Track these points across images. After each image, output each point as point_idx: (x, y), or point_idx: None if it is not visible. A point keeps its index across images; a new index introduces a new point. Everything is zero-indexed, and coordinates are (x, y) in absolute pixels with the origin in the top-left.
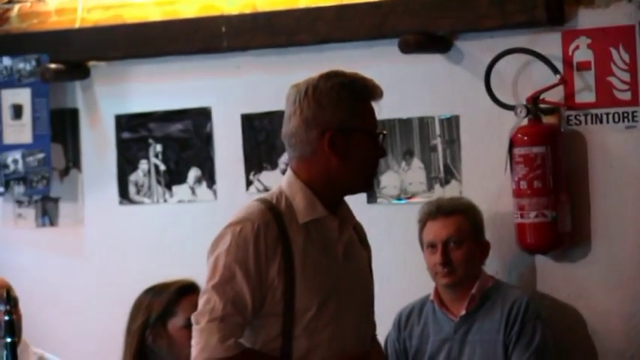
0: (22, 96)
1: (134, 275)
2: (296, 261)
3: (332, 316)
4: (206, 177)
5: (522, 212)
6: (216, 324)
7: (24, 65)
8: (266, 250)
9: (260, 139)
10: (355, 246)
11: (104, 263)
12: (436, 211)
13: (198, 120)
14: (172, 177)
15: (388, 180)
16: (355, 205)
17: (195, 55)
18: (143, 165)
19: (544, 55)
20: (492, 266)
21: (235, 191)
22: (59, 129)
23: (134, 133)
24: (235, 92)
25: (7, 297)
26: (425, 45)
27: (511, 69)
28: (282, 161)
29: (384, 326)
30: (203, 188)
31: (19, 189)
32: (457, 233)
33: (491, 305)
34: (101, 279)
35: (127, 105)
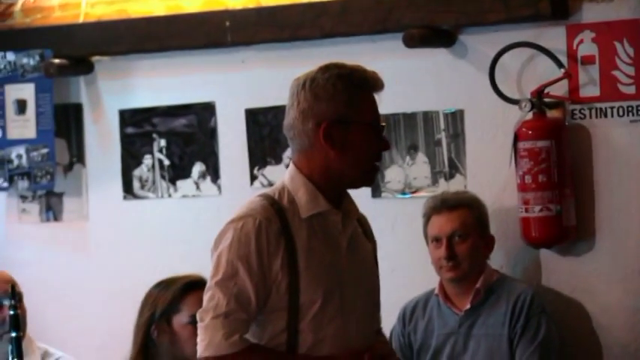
0: (26, 91)
1: (138, 270)
2: (299, 255)
3: (337, 310)
4: (210, 172)
5: (527, 206)
6: (220, 320)
7: (27, 60)
8: (268, 246)
9: (264, 134)
10: (359, 239)
11: (108, 258)
12: (441, 206)
13: (202, 115)
14: (176, 172)
15: (393, 174)
16: (359, 200)
17: (199, 50)
18: (147, 160)
19: (548, 49)
20: (497, 260)
21: (240, 186)
22: (63, 124)
23: (138, 128)
24: (239, 87)
25: (12, 292)
26: (429, 39)
27: (515, 63)
28: (286, 156)
29: (389, 320)
30: (207, 183)
31: (23, 184)
32: (462, 227)
33: (495, 299)
34: (105, 274)
35: (131, 100)
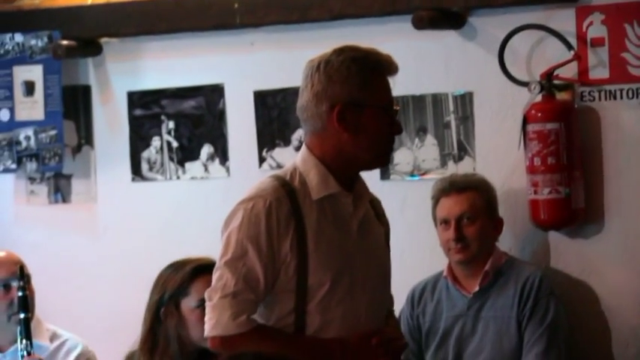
0: (34, 72)
1: (147, 252)
2: (309, 237)
3: (345, 292)
4: (219, 154)
5: (536, 188)
6: (228, 300)
7: (36, 42)
8: (278, 227)
9: (273, 116)
10: (371, 222)
11: (117, 240)
12: (449, 188)
13: (211, 97)
14: (185, 154)
15: (401, 156)
16: (368, 182)
17: (208, 32)
18: (156, 142)
19: (558, 32)
20: (506, 242)
21: (248, 168)
22: (71, 106)
23: (147, 110)
24: (248, 69)
25: (21, 273)
26: (439, 21)
27: (525, 45)
28: (295, 138)
29: (398, 302)
30: (216, 165)
31: (32, 166)
32: (470, 209)
33: (504, 281)
34: (113, 255)
35: (140, 82)
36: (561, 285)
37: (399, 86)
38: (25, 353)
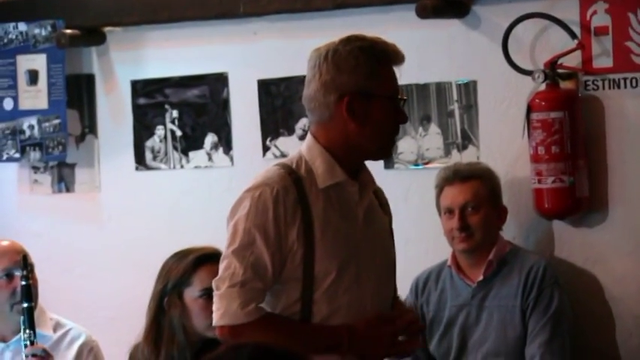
0: (38, 62)
1: (150, 241)
2: (315, 225)
3: (352, 281)
4: (223, 143)
5: (540, 177)
6: (236, 289)
7: (39, 31)
8: (285, 215)
9: (277, 105)
10: (376, 211)
11: (120, 229)
12: (453, 177)
13: (214, 86)
14: (189, 143)
15: (405, 145)
16: (372, 171)
17: (211, 21)
18: (159, 131)
19: (562, 20)
20: (510, 232)
21: (252, 157)
22: (75, 95)
23: (150, 99)
24: (252, 58)
25: (24, 263)
26: (442, 10)
27: (529, 34)
28: (298, 127)
29: (402, 291)
30: (220, 154)
31: (35, 155)
32: (474, 198)
33: (508, 271)
34: (117, 245)
35: (143, 70)
36: (565, 274)
37: (403, 75)
38: (29, 343)
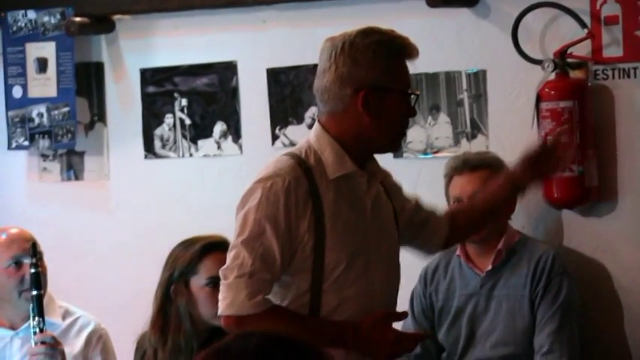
0: (47, 49)
1: (159, 229)
2: (326, 217)
3: (360, 271)
4: (232, 131)
5: None
6: (244, 280)
7: (49, 18)
8: (296, 206)
9: (286, 94)
10: (382, 198)
11: (129, 217)
12: (462, 166)
13: (223, 74)
14: (198, 131)
15: (414, 134)
16: (381, 160)
17: (220, 9)
18: (168, 119)
19: (572, 9)
20: (519, 221)
21: (261, 146)
22: (84, 83)
23: (159, 87)
24: (261, 46)
25: (33, 250)
26: None
27: (538, 23)
28: (307, 116)
29: (411, 280)
30: (229, 142)
31: (44, 143)
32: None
33: (517, 260)
34: (126, 233)
35: (153, 59)
36: (574, 263)
37: (412, 64)
38: (38, 330)
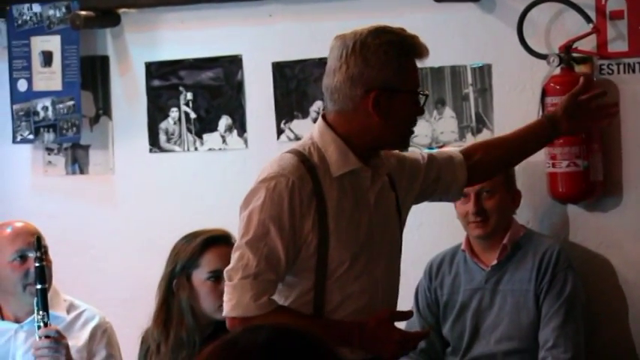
0: (52, 43)
1: (164, 223)
2: (330, 216)
3: (363, 267)
4: (237, 125)
5: (554, 161)
6: (249, 281)
7: (54, 12)
8: (300, 207)
9: (291, 88)
10: (385, 191)
11: (134, 211)
12: None
13: (229, 68)
14: (203, 125)
15: (420, 129)
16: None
17: (226, 3)
18: (173, 113)
19: (577, 4)
20: (524, 216)
21: (266, 140)
22: (89, 76)
23: (165, 81)
24: (267, 40)
25: (38, 244)
26: None
27: (544, 17)
28: (313, 110)
29: (416, 274)
30: (234, 136)
31: (49, 136)
32: (489, 183)
33: (522, 255)
34: (131, 227)
35: (158, 52)
36: (579, 258)
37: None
38: (42, 324)
